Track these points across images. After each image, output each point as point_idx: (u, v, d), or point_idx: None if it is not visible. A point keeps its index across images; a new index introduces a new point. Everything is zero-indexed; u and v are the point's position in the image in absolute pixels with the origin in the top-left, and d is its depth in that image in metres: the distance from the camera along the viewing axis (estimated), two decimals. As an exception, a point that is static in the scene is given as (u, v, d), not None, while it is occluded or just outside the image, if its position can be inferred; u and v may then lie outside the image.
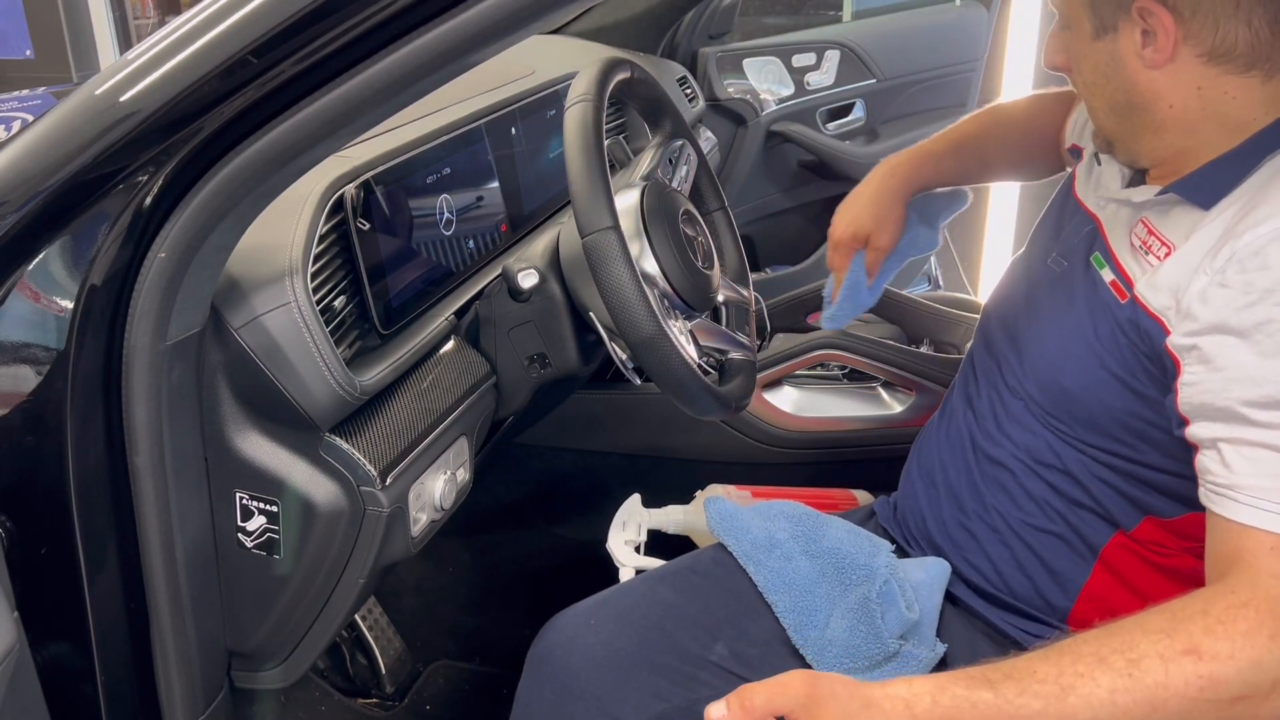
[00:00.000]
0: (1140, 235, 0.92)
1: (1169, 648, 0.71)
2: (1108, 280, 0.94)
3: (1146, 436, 0.91)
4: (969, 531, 1.05)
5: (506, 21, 0.72)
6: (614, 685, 1.00)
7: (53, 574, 0.88)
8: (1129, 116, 0.92)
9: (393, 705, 1.60)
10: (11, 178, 0.80)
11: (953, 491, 1.07)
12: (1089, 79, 0.94)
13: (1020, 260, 1.14)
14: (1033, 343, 1.02)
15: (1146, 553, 0.96)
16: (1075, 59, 0.95)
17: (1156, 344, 0.86)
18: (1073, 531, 0.98)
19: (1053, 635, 0.99)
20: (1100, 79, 0.92)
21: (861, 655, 0.98)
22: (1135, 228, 0.94)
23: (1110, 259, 0.95)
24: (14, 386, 0.84)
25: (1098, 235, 0.99)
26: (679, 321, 1.14)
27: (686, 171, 1.32)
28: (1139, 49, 0.88)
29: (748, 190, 2.46)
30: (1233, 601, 0.72)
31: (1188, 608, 0.73)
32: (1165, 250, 0.88)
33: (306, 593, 1.01)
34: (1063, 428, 0.97)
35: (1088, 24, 0.91)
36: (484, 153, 1.33)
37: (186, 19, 0.78)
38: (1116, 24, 0.88)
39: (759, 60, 2.46)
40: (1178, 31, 0.85)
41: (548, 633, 1.08)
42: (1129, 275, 0.92)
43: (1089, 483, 0.96)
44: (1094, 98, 0.95)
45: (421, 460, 1.06)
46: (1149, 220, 0.92)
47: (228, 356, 0.92)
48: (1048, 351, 0.99)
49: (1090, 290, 0.96)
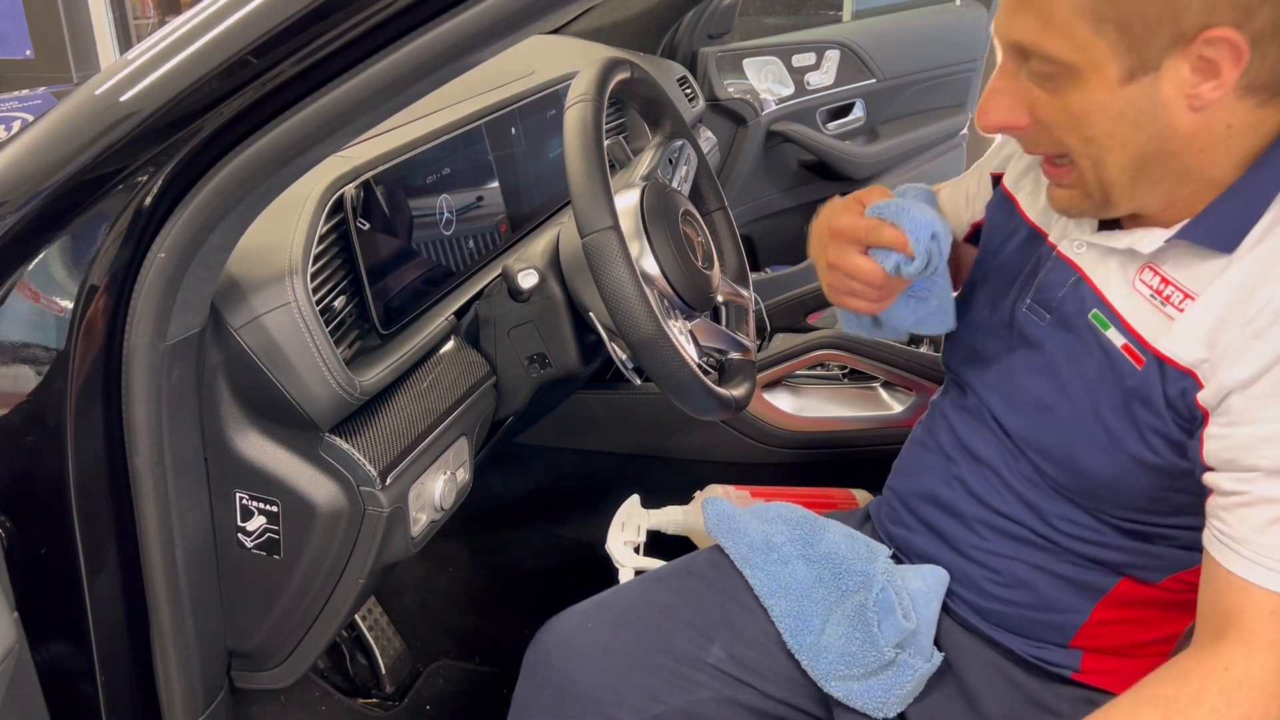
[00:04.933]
0: (1150, 284, 0.83)
1: None
2: (1119, 345, 0.85)
3: (1176, 504, 0.86)
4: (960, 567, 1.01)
5: (506, 21, 0.72)
6: (611, 687, 1.00)
7: (53, 574, 0.88)
8: (1151, 168, 0.79)
9: (393, 705, 1.60)
10: (11, 178, 0.80)
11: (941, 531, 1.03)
12: (1105, 131, 0.78)
13: (985, 296, 1.02)
14: (1035, 410, 0.92)
15: (1155, 593, 0.93)
16: (1078, 112, 0.79)
17: (1188, 398, 0.80)
18: (1081, 574, 0.94)
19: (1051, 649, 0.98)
20: (1127, 129, 0.78)
21: (858, 663, 0.98)
22: (1140, 274, 0.84)
23: (1114, 317, 0.86)
24: (14, 386, 0.84)
25: (1086, 288, 0.89)
26: (679, 321, 1.14)
27: (686, 171, 1.32)
28: (1189, 87, 0.75)
29: (748, 190, 2.46)
30: (1226, 682, 0.71)
31: (1181, 696, 0.72)
32: (1187, 300, 0.80)
33: (306, 593, 1.01)
34: (1081, 500, 0.91)
35: (1113, 68, 0.75)
36: (484, 153, 1.33)
37: (186, 19, 0.78)
38: (1161, 63, 0.74)
39: (759, 60, 2.46)
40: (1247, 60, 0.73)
41: (544, 635, 1.08)
42: (1141, 334, 0.83)
43: (1107, 541, 0.91)
44: (1108, 154, 0.80)
45: (421, 460, 1.06)
46: (1159, 268, 0.83)
47: (228, 357, 0.92)
48: (1059, 425, 0.89)
49: (1099, 356, 0.86)
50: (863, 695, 0.97)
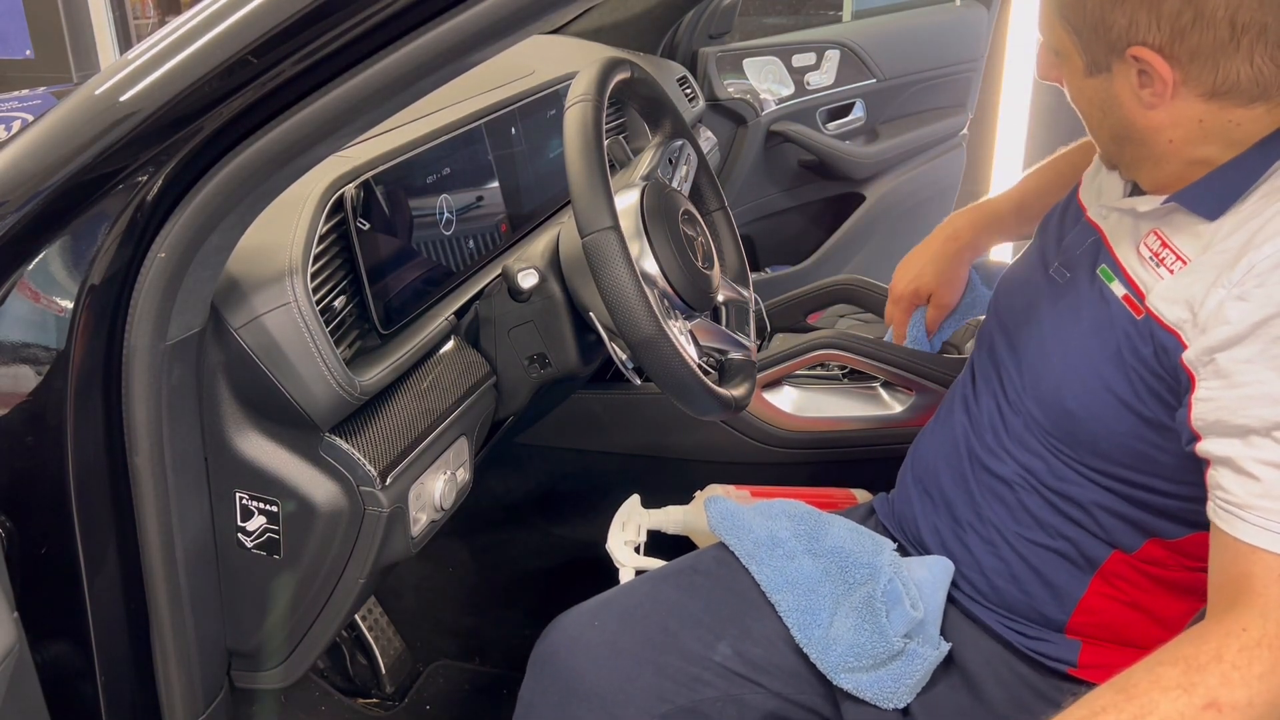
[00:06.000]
0: (1151, 246, 0.90)
1: (1189, 705, 0.70)
2: (1119, 295, 0.91)
3: (1152, 461, 0.89)
4: (963, 543, 1.04)
5: (506, 21, 0.72)
6: (618, 686, 1.00)
7: (52, 574, 0.88)
8: (1128, 147, 0.91)
9: (393, 705, 1.60)
10: (11, 178, 0.80)
11: (947, 501, 1.06)
12: (1085, 110, 0.93)
13: (1025, 262, 1.11)
14: (1035, 358, 0.99)
15: (1146, 568, 0.95)
16: (1070, 87, 0.93)
17: (1172, 358, 0.83)
18: (1072, 547, 0.97)
19: (1049, 639, 0.99)
20: (1097, 112, 0.91)
21: (867, 654, 0.98)
22: (1145, 238, 0.91)
23: (1119, 271, 0.93)
24: (14, 386, 0.84)
25: (1102, 246, 0.96)
26: (679, 321, 1.14)
27: (686, 171, 1.32)
28: (1135, 89, 0.85)
29: (748, 190, 2.46)
30: (1245, 642, 0.71)
31: (1200, 654, 0.72)
32: (1179, 263, 0.86)
33: (306, 593, 1.01)
34: (1065, 450, 0.95)
35: (1079, 60, 0.89)
36: (484, 153, 1.33)
37: (186, 19, 0.78)
38: (1110, 65, 0.86)
39: (759, 60, 2.46)
40: (1175, 75, 0.82)
41: (551, 632, 1.08)
42: (1140, 288, 0.89)
43: (1091, 507, 0.94)
44: (1092, 126, 0.94)
45: (421, 460, 1.06)
46: (1161, 232, 0.90)
47: (228, 356, 0.92)
48: (1051, 369, 0.96)
49: (1099, 304, 0.93)
50: (873, 686, 0.98)
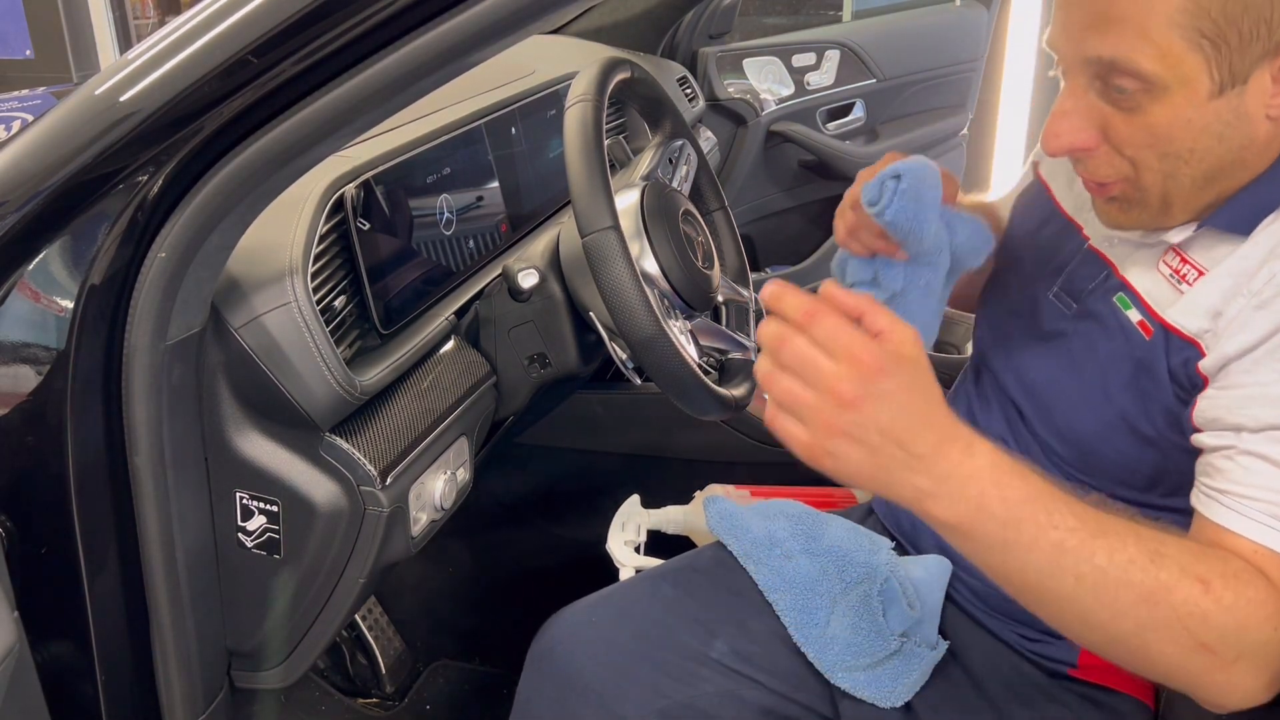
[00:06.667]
0: (1171, 264, 0.85)
1: (1190, 565, 0.71)
2: (1135, 320, 0.86)
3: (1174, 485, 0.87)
4: None
5: (506, 21, 0.72)
6: (615, 681, 1.01)
7: (53, 574, 0.88)
8: (1222, 178, 0.80)
9: (393, 705, 1.60)
10: (12, 178, 0.80)
11: None
12: (1186, 147, 0.78)
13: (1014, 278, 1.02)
14: (1047, 388, 0.94)
15: None
16: (1161, 129, 0.77)
17: (1190, 368, 0.81)
18: None
19: (1050, 641, 0.98)
20: (1210, 142, 0.77)
21: (864, 652, 0.98)
22: (1166, 256, 0.86)
23: (1135, 298, 0.87)
24: (14, 386, 0.84)
25: (1115, 279, 0.90)
26: (679, 321, 1.15)
27: (686, 171, 1.33)
28: (1269, 97, 0.76)
29: (748, 190, 2.46)
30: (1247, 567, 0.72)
31: (1212, 550, 0.73)
32: (1196, 273, 0.82)
33: (306, 593, 1.01)
34: (1083, 477, 0.92)
35: (1204, 83, 0.75)
36: (484, 153, 1.33)
37: (186, 19, 0.78)
38: (1249, 74, 0.74)
39: (759, 60, 2.46)
40: None
41: (549, 629, 1.08)
42: (1154, 308, 0.85)
43: None
44: (1184, 166, 0.79)
45: (421, 460, 1.06)
46: (1182, 249, 0.84)
47: (228, 356, 0.92)
48: (1068, 402, 0.91)
49: (1116, 336, 0.88)
50: (870, 685, 0.98)
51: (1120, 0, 0.74)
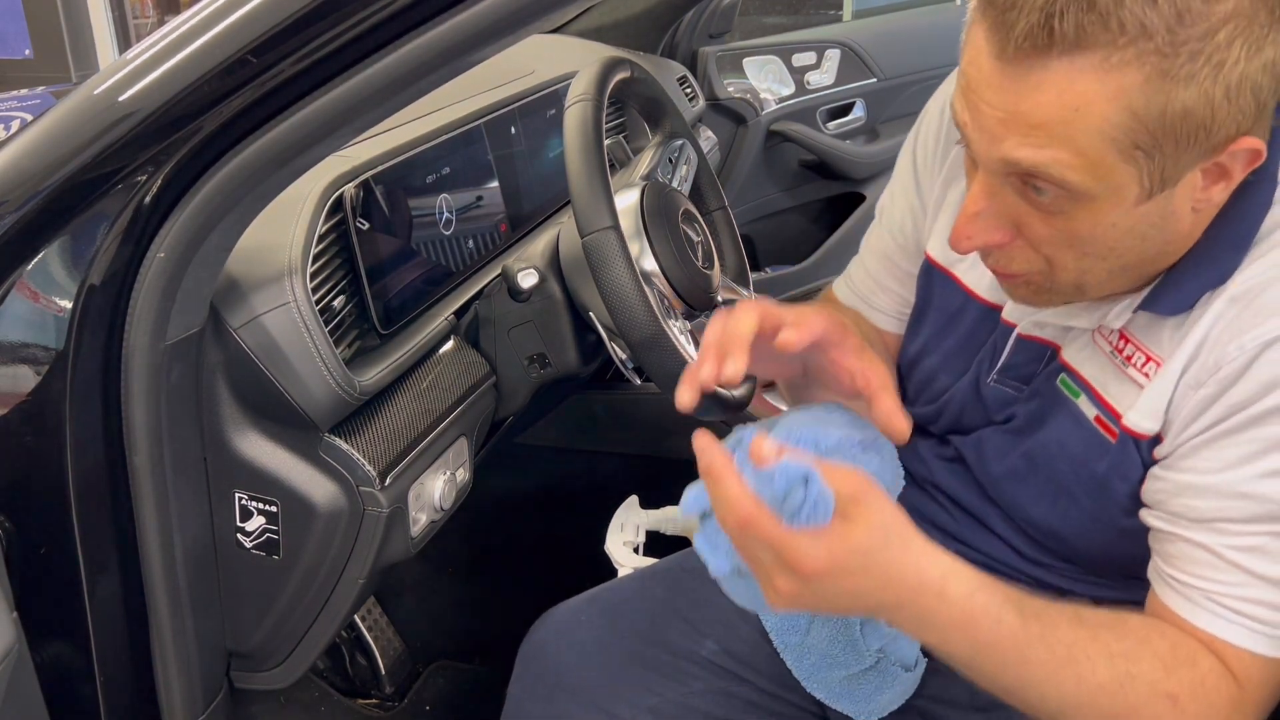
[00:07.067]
0: (1109, 339, 0.80)
1: (1160, 681, 0.71)
2: (1090, 416, 0.81)
3: None
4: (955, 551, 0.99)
5: (506, 21, 0.72)
6: (605, 679, 1.01)
7: (52, 574, 0.88)
8: (1137, 267, 0.75)
9: (392, 705, 1.60)
10: (11, 177, 0.80)
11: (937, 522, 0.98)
12: (1107, 247, 0.72)
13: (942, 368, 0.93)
14: (1017, 488, 0.88)
15: None
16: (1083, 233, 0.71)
17: (1147, 461, 0.78)
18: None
19: None
20: (1133, 242, 0.72)
21: (840, 664, 0.98)
22: (1110, 337, 0.80)
23: (1081, 384, 0.82)
24: (13, 386, 0.84)
25: (1055, 359, 0.84)
26: (679, 321, 1.14)
27: (686, 171, 1.32)
28: (1198, 192, 0.70)
29: (748, 190, 2.46)
30: (1214, 670, 0.73)
31: (1179, 650, 0.73)
32: (1153, 365, 0.77)
33: (306, 593, 1.01)
34: (1057, 564, 0.89)
35: (1133, 191, 0.68)
36: (484, 152, 1.33)
37: (186, 18, 0.78)
38: (1182, 177, 0.69)
39: (759, 60, 2.46)
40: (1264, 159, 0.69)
41: (539, 628, 1.08)
42: (1111, 404, 0.79)
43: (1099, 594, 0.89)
44: (1104, 262, 0.73)
45: (421, 460, 1.06)
46: (1129, 332, 0.79)
47: (227, 356, 0.92)
48: (1043, 504, 0.86)
49: (1075, 431, 0.82)
50: (845, 697, 0.98)
51: (1043, 105, 0.65)
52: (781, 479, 0.67)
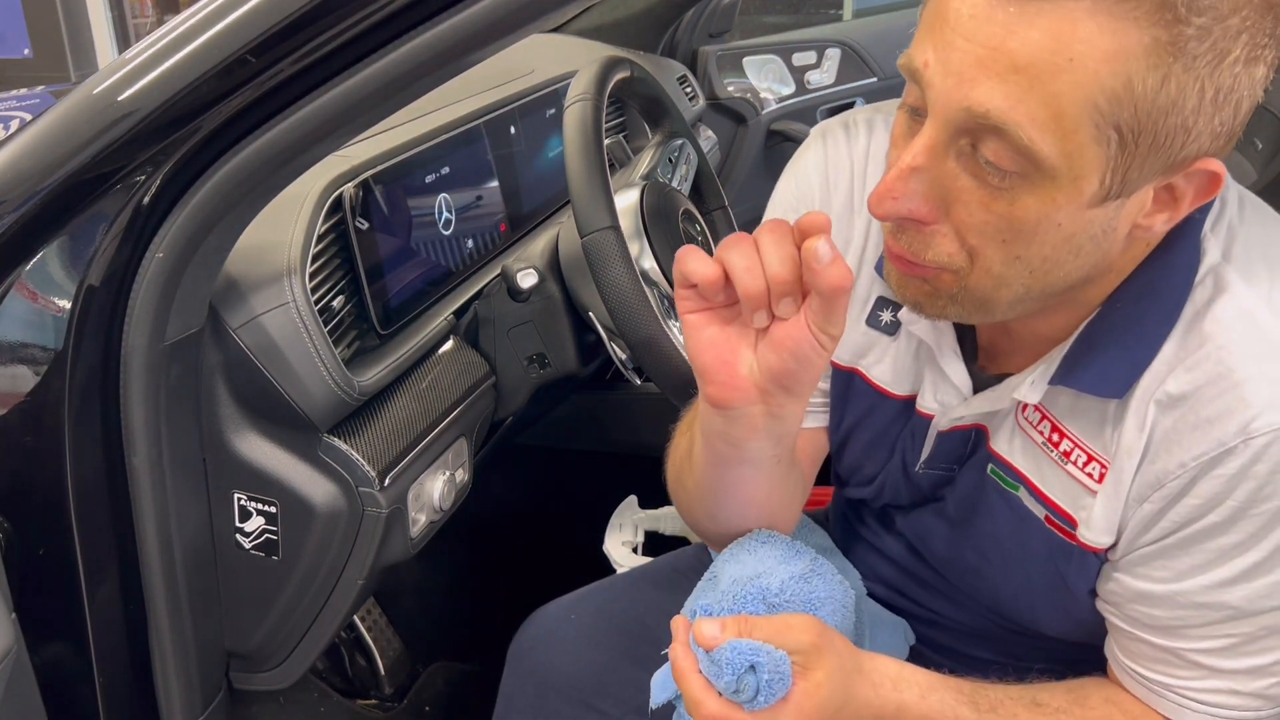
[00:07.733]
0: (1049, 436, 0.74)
1: None
2: (1039, 516, 0.76)
3: None
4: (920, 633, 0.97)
5: (506, 21, 0.72)
6: (595, 677, 1.01)
7: (51, 575, 0.88)
8: (1058, 294, 0.67)
9: (392, 706, 1.60)
10: (10, 177, 0.80)
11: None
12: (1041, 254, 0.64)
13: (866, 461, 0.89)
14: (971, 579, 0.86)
15: None
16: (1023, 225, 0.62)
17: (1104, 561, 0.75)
18: None
19: None
20: (1067, 256, 0.64)
21: None
22: (1040, 426, 0.75)
23: (1019, 479, 0.77)
24: (12, 387, 0.84)
25: (983, 448, 0.79)
26: (679, 321, 1.14)
27: (686, 171, 1.32)
28: (1142, 216, 0.64)
29: (748, 190, 2.46)
30: None
31: None
32: (1096, 466, 0.72)
33: (305, 594, 1.01)
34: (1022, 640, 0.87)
35: (1092, 186, 0.60)
36: (483, 152, 1.33)
37: (185, 18, 0.78)
38: (1138, 188, 0.62)
39: (759, 59, 2.45)
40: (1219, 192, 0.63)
41: (529, 627, 1.08)
42: (1066, 511, 0.75)
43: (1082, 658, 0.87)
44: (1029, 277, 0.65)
45: (420, 461, 1.06)
46: (1054, 417, 0.73)
47: (226, 357, 0.92)
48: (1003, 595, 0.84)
49: (1012, 520, 0.78)
50: None
51: (1033, 44, 0.56)
52: (729, 672, 0.69)
